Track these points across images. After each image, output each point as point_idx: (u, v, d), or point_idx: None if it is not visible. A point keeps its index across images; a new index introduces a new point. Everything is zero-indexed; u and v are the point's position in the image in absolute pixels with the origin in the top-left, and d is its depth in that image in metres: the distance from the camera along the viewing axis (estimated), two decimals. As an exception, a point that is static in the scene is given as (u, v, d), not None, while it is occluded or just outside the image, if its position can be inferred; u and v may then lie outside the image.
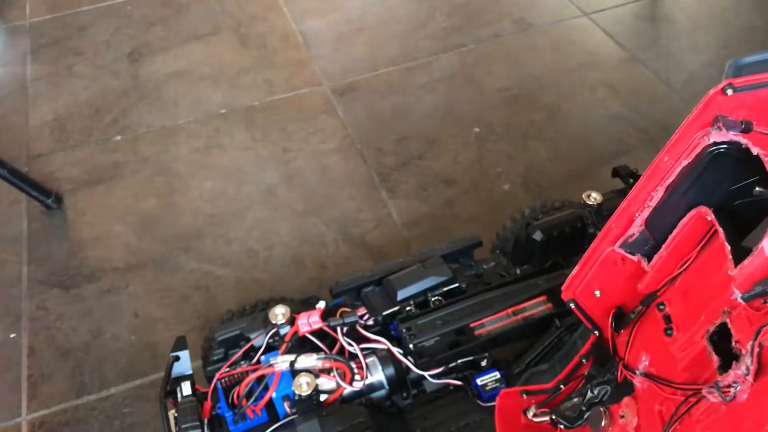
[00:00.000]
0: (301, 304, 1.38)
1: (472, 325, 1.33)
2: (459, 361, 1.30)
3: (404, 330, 1.33)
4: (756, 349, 0.82)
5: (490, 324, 1.33)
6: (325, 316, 1.34)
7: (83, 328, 1.90)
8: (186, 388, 1.22)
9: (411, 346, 1.31)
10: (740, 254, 0.88)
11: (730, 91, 0.90)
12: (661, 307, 1.03)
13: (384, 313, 1.37)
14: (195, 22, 2.92)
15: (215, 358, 1.36)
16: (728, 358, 0.87)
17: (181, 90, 2.62)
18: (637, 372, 1.02)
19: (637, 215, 0.98)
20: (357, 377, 1.27)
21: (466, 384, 1.29)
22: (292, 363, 1.25)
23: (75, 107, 2.57)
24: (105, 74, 2.70)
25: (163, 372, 1.28)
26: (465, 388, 1.29)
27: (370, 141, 2.36)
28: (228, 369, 1.27)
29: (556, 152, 2.27)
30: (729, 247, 0.89)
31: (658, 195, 0.95)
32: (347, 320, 1.33)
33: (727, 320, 0.90)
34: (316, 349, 1.31)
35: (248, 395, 1.22)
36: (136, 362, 1.81)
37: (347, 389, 1.26)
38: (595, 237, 1.04)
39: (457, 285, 1.41)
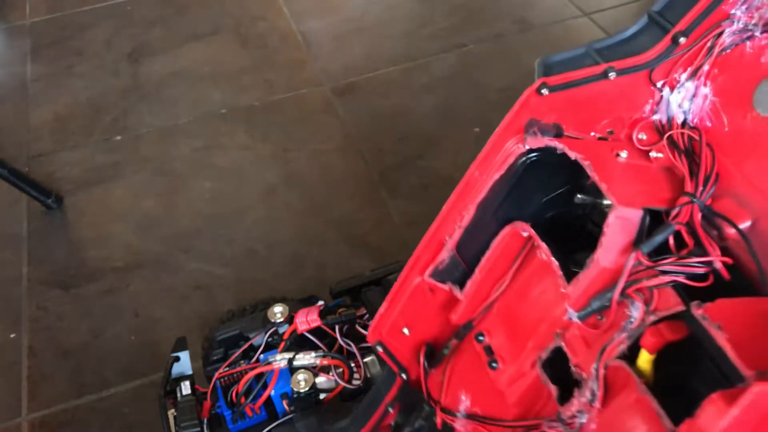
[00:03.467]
0: (300, 304, 1.38)
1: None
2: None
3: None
4: (601, 372, 0.75)
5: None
6: (324, 314, 1.34)
7: (83, 328, 1.90)
8: (185, 387, 1.22)
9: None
10: (567, 269, 0.82)
11: (545, 91, 0.85)
12: (480, 338, 0.93)
13: (383, 312, 1.37)
14: (195, 22, 2.92)
15: (215, 357, 1.36)
16: (567, 385, 0.80)
17: (181, 90, 2.62)
18: (459, 414, 0.92)
19: (447, 239, 0.90)
20: (356, 375, 1.27)
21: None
22: (290, 360, 1.25)
23: (75, 107, 2.58)
24: (105, 74, 2.70)
25: (163, 372, 1.29)
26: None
27: (370, 141, 2.36)
28: (227, 368, 1.27)
29: (556, 152, 2.27)
30: (556, 263, 0.83)
31: (469, 214, 0.87)
32: (345, 317, 1.33)
33: (562, 343, 0.82)
34: (315, 348, 1.31)
35: (246, 393, 1.22)
36: (136, 362, 1.81)
37: (346, 387, 1.26)
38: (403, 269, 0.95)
39: (456, 284, 1.40)
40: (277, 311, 1.30)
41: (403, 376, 1.00)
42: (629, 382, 0.73)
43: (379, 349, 0.99)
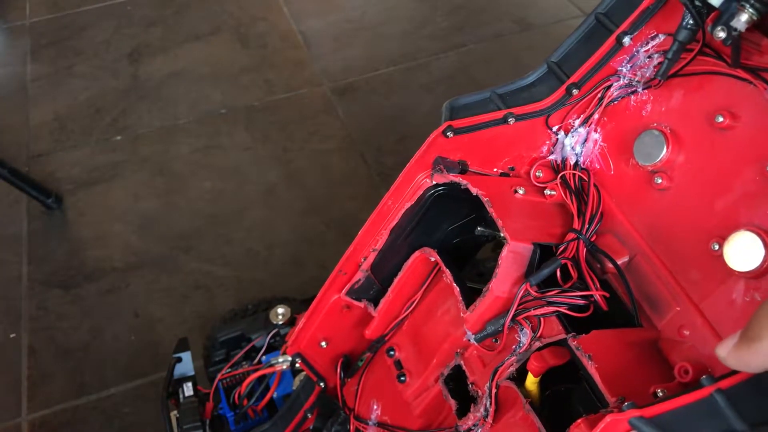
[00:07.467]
0: (303, 305, 1.39)
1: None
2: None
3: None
4: (494, 390, 0.82)
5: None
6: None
7: (83, 328, 1.90)
8: (188, 389, 1.22)
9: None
10: (468, 294, 0.89)
11: (450, 134, 0.91)
12: (391, 352, 1.02)
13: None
14: (195, 22, 2.92)
15: (217, 358, 1.36)
16: (465, 400, 0.88)
17: (181, 90, 2.61)
18: (370, 422, 1.01)
19: (362, 260, 0.97)
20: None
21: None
22: (292, 362, 1.25)
23: (75, 107, 2.57)
24: (105, 74, 2.70)
25: (163, 372, 1.29)
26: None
27: (370, 141, 2.36)
28: (229, 370, 1.27)
29: (556, 152, 2.27)
30: (458, 289, 0.89)
31: (382, 238, 0.95)
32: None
33: (461, 362, 0.90)
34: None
35: (249, 395, 1.22)
36: (137, 362, 1.81)
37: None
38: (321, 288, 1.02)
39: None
40: (280, 313, 1.30)
41: (321, 384, 1.09)
42: (517, 401, 0.81)
43: (298, 360, 1.07)
